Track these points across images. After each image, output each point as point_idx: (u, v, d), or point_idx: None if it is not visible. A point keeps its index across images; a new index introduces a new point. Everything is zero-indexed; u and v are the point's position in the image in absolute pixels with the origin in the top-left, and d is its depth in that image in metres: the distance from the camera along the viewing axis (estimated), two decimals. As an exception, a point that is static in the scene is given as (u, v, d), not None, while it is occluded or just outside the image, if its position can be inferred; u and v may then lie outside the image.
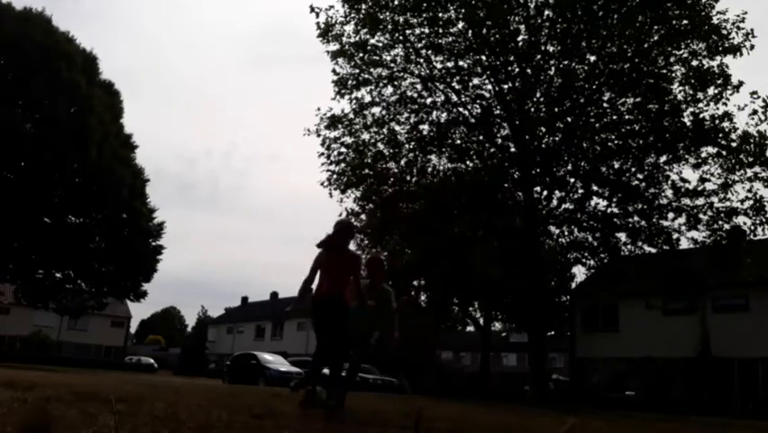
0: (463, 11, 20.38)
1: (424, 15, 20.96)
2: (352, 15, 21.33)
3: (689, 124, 19.64)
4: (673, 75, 20.05)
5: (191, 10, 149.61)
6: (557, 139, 21.89)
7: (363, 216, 23.11)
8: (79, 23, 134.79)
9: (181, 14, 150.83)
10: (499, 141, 23.15)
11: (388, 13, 21.09)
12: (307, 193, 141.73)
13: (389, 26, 21.27)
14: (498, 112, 22.74)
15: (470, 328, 43.01)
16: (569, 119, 21.47)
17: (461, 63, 22.00)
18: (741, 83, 19.06)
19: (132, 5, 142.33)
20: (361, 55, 21.88)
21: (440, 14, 21.08)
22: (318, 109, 23.06)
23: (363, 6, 21.09)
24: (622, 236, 22.03)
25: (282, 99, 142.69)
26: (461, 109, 22.86)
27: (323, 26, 21.58)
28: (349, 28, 21.60)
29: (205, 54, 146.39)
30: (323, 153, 22.39)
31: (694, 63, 19.66)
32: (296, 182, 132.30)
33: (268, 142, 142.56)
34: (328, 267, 6.24)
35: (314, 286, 6.33)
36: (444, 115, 22.94)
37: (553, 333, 39.91)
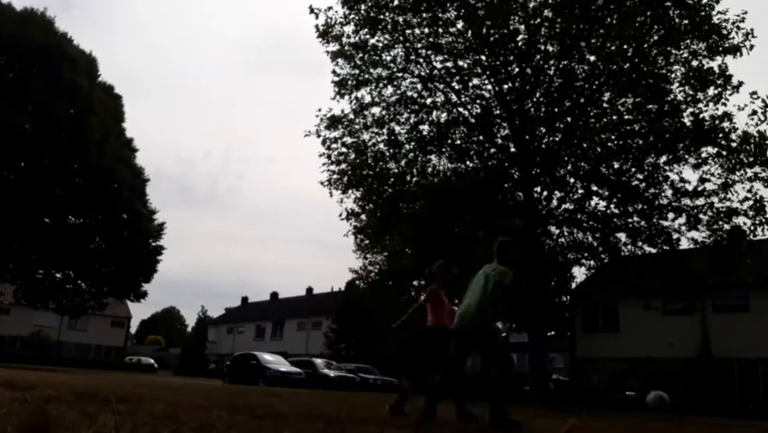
0: (463, 11, 20.38)
1: (423, 15, 20.96)
2: (352, 16, 21.34)
3: (689, 124, 19.63)
4: (673, 75, 20.06)
5: (193, 15, 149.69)
6: (557, 139, 21.88)
7: (363, 216, 23.10)
8: (84, 28, 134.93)
9: (183, 19, 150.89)
10: (499, 141, 23.14)
11: (387, 14, 21.09)
12: (306, 194, 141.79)
13: (389, 26, 21.27)
14: (497, 112, 22.74)
15: (471, 328, 42.96)
16: (569, 119, 21.45)
17: (460, 63, 22.01)
18: (741, 83, 19.06)
19: (135, 10, 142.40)
20: (360, 55, 21.88)
21: (440, 14, 21.08)
22: (319, 110, 23.09)
23: (363, 7, 21.09)
24: (622, 236, 22.04)
25: (280, 104, 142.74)
26: (460, 109, 22.88)
27: (322, 27, 21.59)
28: (349, 28, 21.64)
29: (205, 58, 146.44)
30: (323, 154, 22.40)
31: (694, 63, 19.67)
32: (295, 184, 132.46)
33: (266, 144, 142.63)
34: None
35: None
36: (444, 115, 22.96)
37: (553, 333, 39.85)
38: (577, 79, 20.86)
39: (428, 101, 22.78)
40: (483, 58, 21.58)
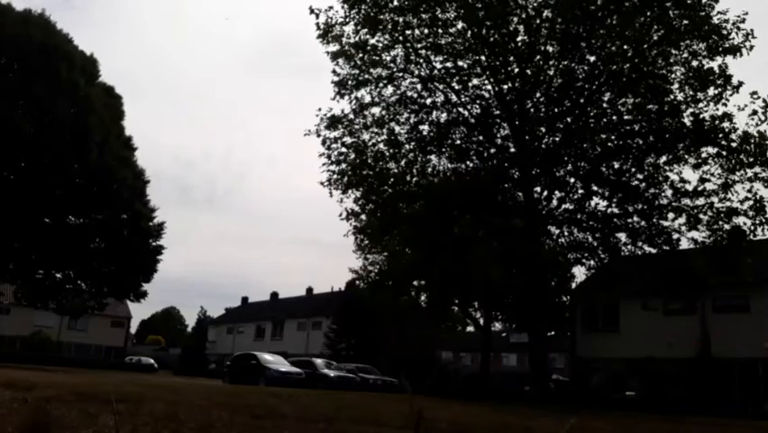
0: (463, 11, 20.39)
1: (423, 16, 20.97)
2: (352, 16, 21.34)
3: (689, 124, 19.64)
4: (673, 75, 20.07)
5: (194, 15, 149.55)
6: (557, 139, 21.89)
7: (363, 216, 23.10)
8: (85, 29, 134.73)
9: (183, 20, 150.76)
10: (499, 141, 23.16)
11: (387, 14, 21.09)
12: (306, 194, 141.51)
13: (389, 26, 21.28)
14: (497, 112, 22.75)
15: (470, 328, 43.01)
16: (569, 119, 21.47)
17: (460, 63, 22.02)
18: (741, 83, 19.07)
19: (136, 13, 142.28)
20: (360, 55, 21.88)
21: (439, 15, 21.09)
22: (319, 109, 23.07)
23: (363, 7, 21.09)
24: (622, 236, 22.06)
25: (280, 105, 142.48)
26: (460, 109, 22.88)
27: (323, 27, 21.58)
28: (349, 28, 21.64)
29: (205, 59, 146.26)
30: (323, 154, 22.40)
31: (694, 64, 19.68)
32: (295, 184, 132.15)
33: (266, 145, 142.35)
34: None
35: None
36: (444, 115, 22.97)
37: (553, 333, 39.84)
38: (577, 80, 20.86)
39: (428, 101, 22.81)
40: (483, 58, 21.58)
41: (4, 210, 27.32)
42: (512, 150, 22.64)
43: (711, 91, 19.46)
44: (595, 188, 21.85)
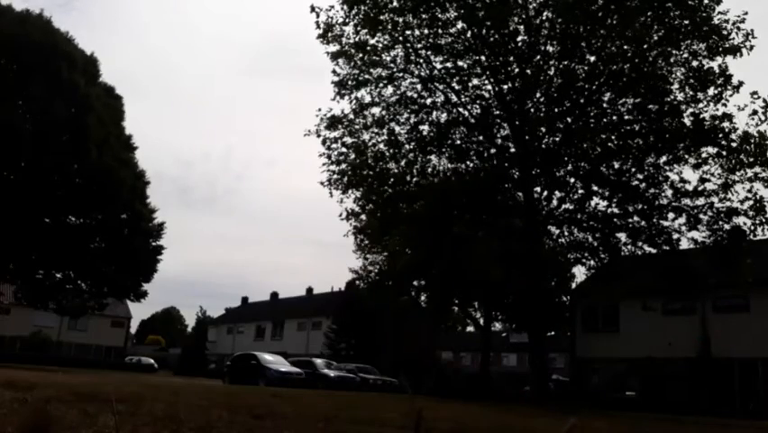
0: (463, 11, 20.39)
1: (423, 16, 20.97)
2: (352, 16, 21.32)
3: (689, 124, 19.64)
4: (673, 76, 20.07)
5: (193, 16, 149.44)
6: (557, 139, 21.89)
7: (363, 216, 23.11)
8: (85, 30, 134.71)
9: (183, 20, 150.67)
10: (499, 141, 23.15)
11: (387, 14, 21.09)
12: (306, 194, 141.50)
13: (389, 27, 21.28)
14: (497, 112, 22.75)
15: (471, 328, 43.01)
16: (569, 119, 21.47)
17: (460, 63, 22.02)
18: (741, 83, 19.06)
19: (136, 13, 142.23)
20: (360, 55, 21.87)
21: (439, 15, 21.10)
22: (319, 109, 23.06)
23: (363, 7, 21.08)
24: (622, 236, 22.06)
25: (280, 106, 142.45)
26: (460, 109, 22.88)
27: (323, 26, 21.57)
28: (349, 29, 21.63)
29: (205, 59, 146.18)
30: (323, 154, 22.40)
31: (694, 64, 19.68)
32: (295, 184, 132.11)
33: (266, 145, 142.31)
34: None
35: None
36: (444, 115, 22.97)
37: (553, 333, 39.87)
38: (577, 80, 20.86)
39: (428, 101, 22.81)
40: (483, 58, 21.58)
41: (4, 210, 27.33)
42: (512, 150, 22.64)
43: (711, 91, 19.47)
44: (595, 188, 21.85)
